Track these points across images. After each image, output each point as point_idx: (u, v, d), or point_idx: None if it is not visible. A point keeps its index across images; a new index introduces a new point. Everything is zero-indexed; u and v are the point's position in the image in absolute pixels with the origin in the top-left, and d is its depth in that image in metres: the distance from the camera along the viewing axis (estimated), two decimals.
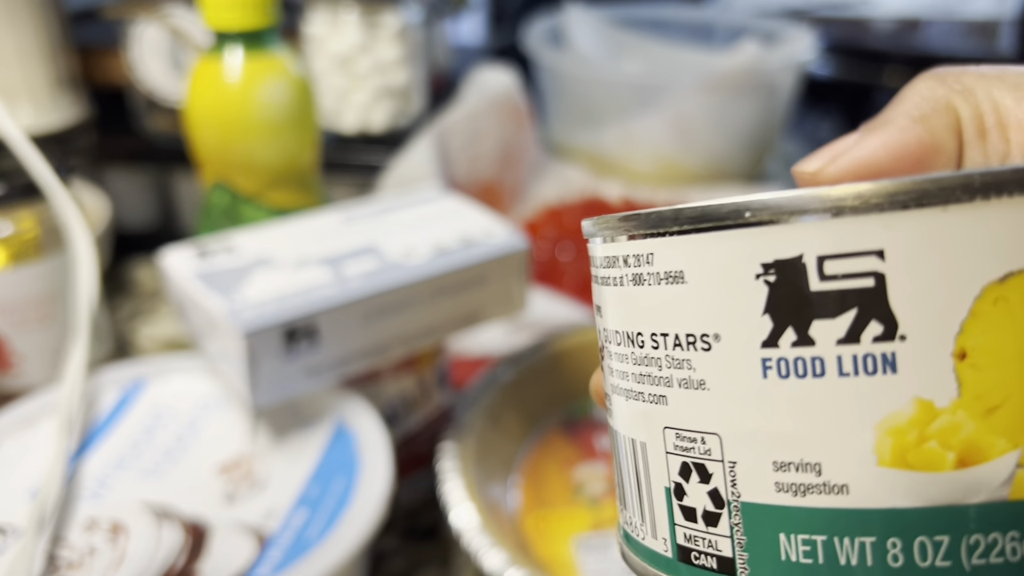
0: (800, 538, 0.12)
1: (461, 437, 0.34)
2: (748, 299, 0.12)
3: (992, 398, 0.11)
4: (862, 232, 0.11)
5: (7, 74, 0.51)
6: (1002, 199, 0.11)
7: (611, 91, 0.64)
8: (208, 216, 0.40)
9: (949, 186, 0.11)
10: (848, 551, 0.12)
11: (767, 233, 0.12)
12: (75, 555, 0.28)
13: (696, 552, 0.13)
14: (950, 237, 0.11)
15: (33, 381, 0.39)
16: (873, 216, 0.11)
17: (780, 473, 0.12)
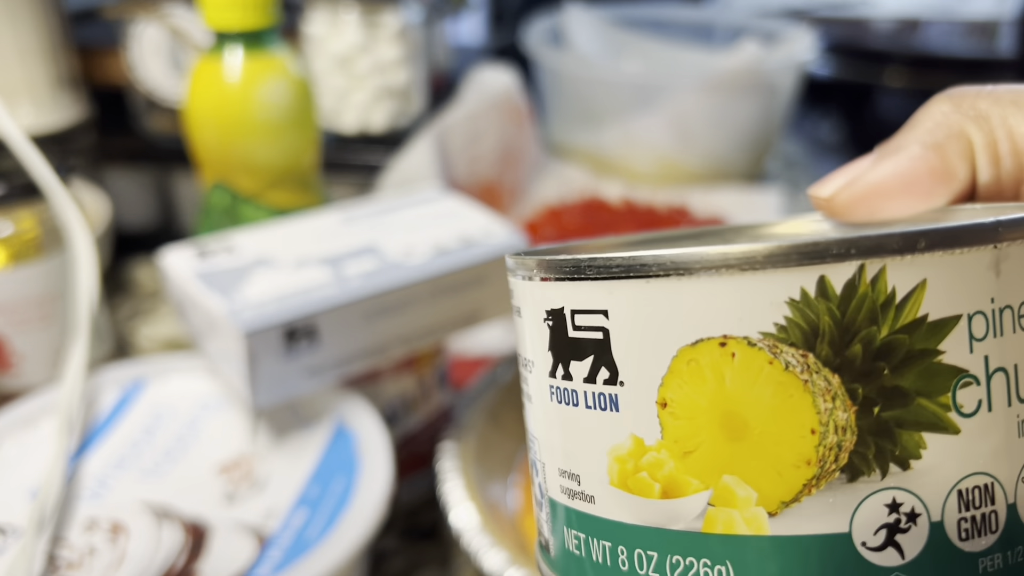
0: (572, 532, 0.15)
1: (461, 437, 0.34)
2: (541, 337, 0.15)
3: (687, 444, 0.13)
4: (595, 294, 0.14)
5: (7, 74, 0.51)
6: (693, 277, 0.12)
7: (611, 91, 0.64)
8: (208, 216, 0.40)
9: (650, 263, 0.13)
10: (596, 550, 0.14)
11: (548, 287, 0.15)
12: (75, 555, 0.28)
13: (540, 534, 0.16)
14: (654, 305, 0.13)
15: (33, 381, 0.39)
16: (602, 282, 0.13)
17: (561, 478, 0.15)
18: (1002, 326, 0.12)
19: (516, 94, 0.61)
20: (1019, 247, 0.12)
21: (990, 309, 0.12)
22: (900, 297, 0.12)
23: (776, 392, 0.12)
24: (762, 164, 0.68)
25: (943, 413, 0.12)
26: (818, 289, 0.12)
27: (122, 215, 0.57)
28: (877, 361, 0.12)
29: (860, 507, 0.12)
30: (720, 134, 0.63)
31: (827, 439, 0.12)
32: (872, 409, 0.12)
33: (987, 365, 0.12)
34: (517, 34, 0.69)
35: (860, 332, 0.12)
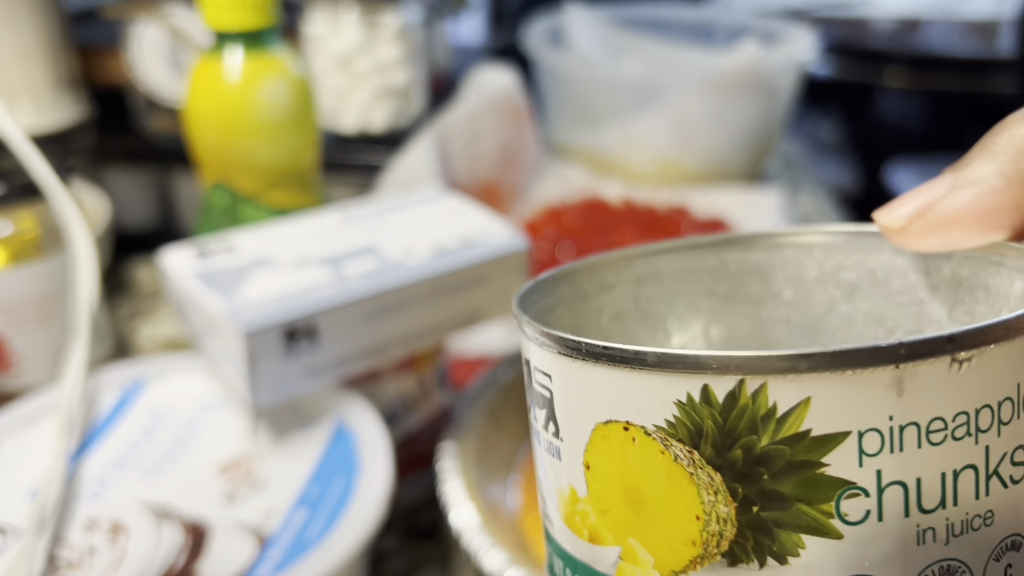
0: (548, 548, 0.17)
1: (461, 437, 0.34)
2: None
3: (603, 504, 0.14)
4: (543, 358, 0.15)
5: (7, 74, 0.51)
6: (600, 365, 0.14)
7: (611, 91, 0.64)
8: (208, 216, 0.40)
9: (572, 345, 0.14)
10: (557, 568, 0.16)
11: (522, 338, 0.16)
12: (75, 555, 0.28)
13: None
14: (577, 381, 0.15)
15: (33, 381, 0.39)
16: (546, 351, 0.15)
17: (540, 500, 0.17)
18: (903, 442, 0.12)
19: (516, 94, 0.61)
20: (929, 366, 0.12)
21: (887, 427, 0.12)
22: (781, 412, 0.12)
23: (667, 479, 0.13)
24: (762, 164, 0.68)
25: (824, 519, 0.13)
26: (702, 396, 0.13)
27: (122, 215, 0.57)
28: (757, 466, 0.13)
29: None
30: (720, 134, 0.63)
31: (710, 527, 0.13)
32: (751, 508, 0.13)
33: (879, 479, 0.13)
34: (517, 34, 0.69)
35: (740, 439, 0.13)
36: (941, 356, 0.12)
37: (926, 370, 0.12)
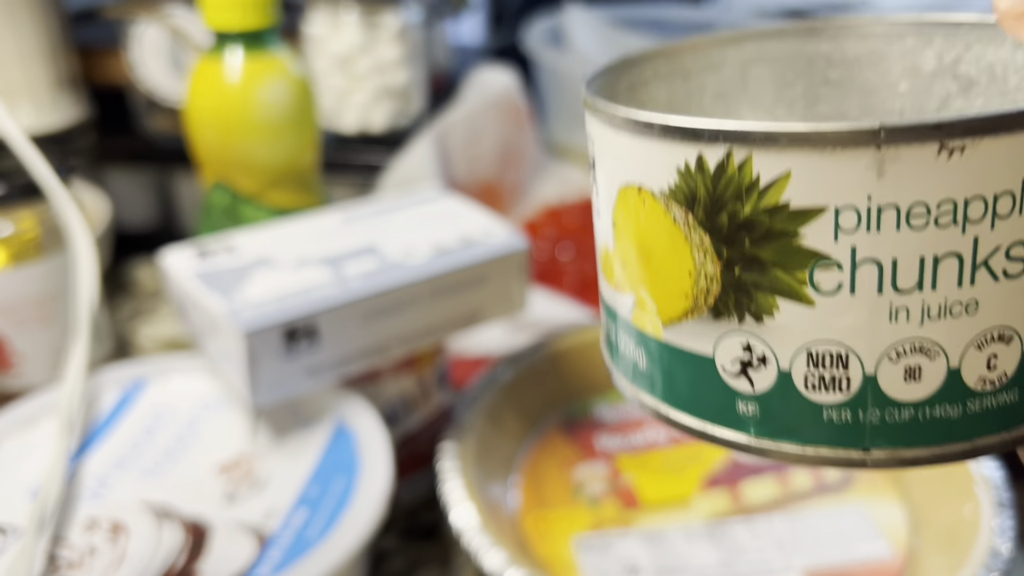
0: (600, 303, 0.19)
1: (461, 437, 0.34)
2: None
3: (623, 257, 0.16)
4: (591, 125, 0.16)
5: (7, 74, 0.51)
6: (625, 133, 0.15)
7: None
8: (208, 216, 0.40)
9: (608, 114, 0.15)
10: (602, 315, 0.19)
11: (585, 115, 0.18)
12: (75, 555, 0.28)
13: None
14: (608, 147, 0.16)
15: (33, 381, 0.39)
16: (593, 119, 0.16)
17: (598, 262, 0.19)
18: (880, 223, 0.13)
19: (516, 94, 0.61)
20: (914, 151, 0.12)
21: (865, 207, 0.13)
22: (764, 183, 0.13)
23: (668, 237, 0.15)
24: None
25: (797, 286, 0.14)
26: (696, 164, 0.14)
27: (123, 215, 0.57)
28: (740, 232, 0.14)
29: (720, 340, 0.15)
30: None
31: (699, 283, 0.14)
32: (734, 268, 0.14)
33: (853, 255, 0.13)
34: (517, 35, 0.69)
35: (727, 206, 0.13)
36: (927, 143, 0.12)
37: (910, 155, 0.12)
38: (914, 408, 0.14)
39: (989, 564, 0.28)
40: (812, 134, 0.12)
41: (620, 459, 0.36)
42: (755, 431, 0.15)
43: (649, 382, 0.16)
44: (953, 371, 0.14)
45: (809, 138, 0.12)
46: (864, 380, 0.14)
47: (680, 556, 0.31)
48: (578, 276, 0.51)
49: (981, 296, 0.13)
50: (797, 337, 0.14)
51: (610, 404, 0.40)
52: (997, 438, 0.14)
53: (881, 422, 0.14)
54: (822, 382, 0.14)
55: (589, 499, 0.35)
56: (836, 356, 0.14)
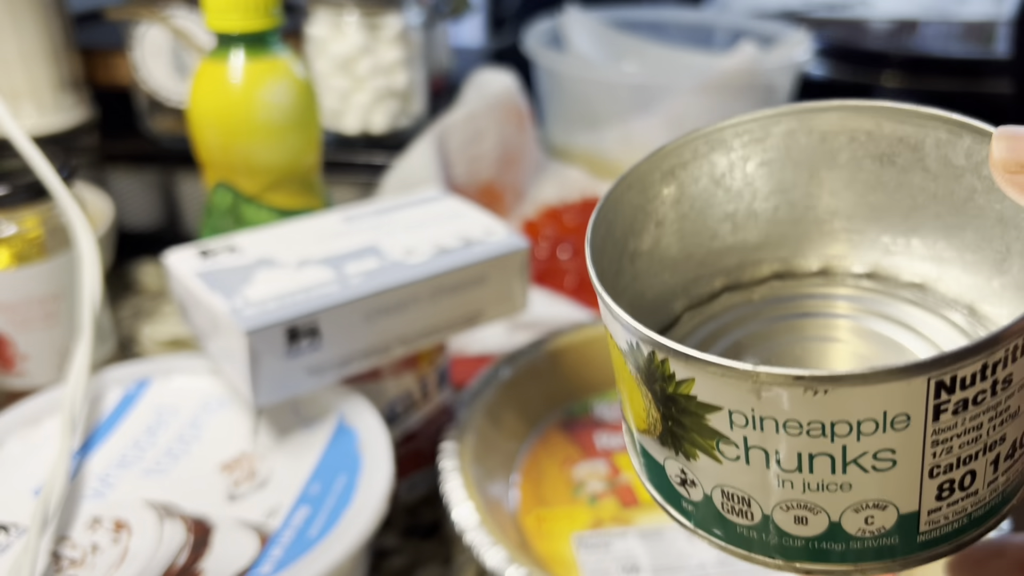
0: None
1: (461, 436, 0.34)
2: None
3: (614, 373, 0.19)
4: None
5: (11, 75, 0.51)
6: (601, 302, 0.18)
7: (610, 93, 0.64)
8: (211, 216, 0.41)
9: (599, 288, 0.18)
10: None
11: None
12: (78, 553, 0.28)
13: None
14: (600, 301, 0.18)
15: (37, 381, 0.39)
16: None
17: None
18: (763, 427, 0.16)
19: (516, 95, 0.62)
20: (779, 388, 0.15)
21: (751, 415, 0.16)
22: (678, 378, 0.16)
23: (629, 380, 0.18)
24: None
25: (710, 448, 0.17)
26: (636, 347, 0.17)
27: (126, 215, 0.57)
28: (667, 402, 0.17)
29: (666, 461, 0.18)
30: None
31: (648, 420, 0.18)
32: (667, 422, 0.17)
33: (745, 441, 0.16)
34: (517, 36, 0.69)
35: (656, 382, 0.17)
36: (794, 386, 0.15)
37: (780, 390, 0.15)
38: (805, 540, 0.17)
39: None
40: (705, 362, 0.15)
41: (620, 458, 0.37)
42: (694, 523, 0.18)
43: (635, 455, 0.20)
44: (834, 523, 0.16)
45: (704, 363, 0.15)
46: (764, 516, 0.17)
47: (679, 555, 0.32)
48: (578, 276, 0.52)
49: (853, 481, 0.16)
50: (713, 478, 0.17)
51: (610, 403, 0.40)
52: (881, 564, 0.17)
53: (779, 545, 0.17)
54: (733, 510, 0.17)
55: (589, 497, 0.35)
56: (741, 498, 0.17)
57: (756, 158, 0.22)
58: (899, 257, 0.22)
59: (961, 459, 0.16)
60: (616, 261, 0.20)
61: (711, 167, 0.22)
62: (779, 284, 0.23)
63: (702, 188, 0.22)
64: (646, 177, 0.21)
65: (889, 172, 0.21)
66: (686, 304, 0.22)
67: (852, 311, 0.22)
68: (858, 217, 0.22)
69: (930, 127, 0.20)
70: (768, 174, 0.22)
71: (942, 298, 0.21)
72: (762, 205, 0.22)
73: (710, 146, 0.22)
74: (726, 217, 0.22)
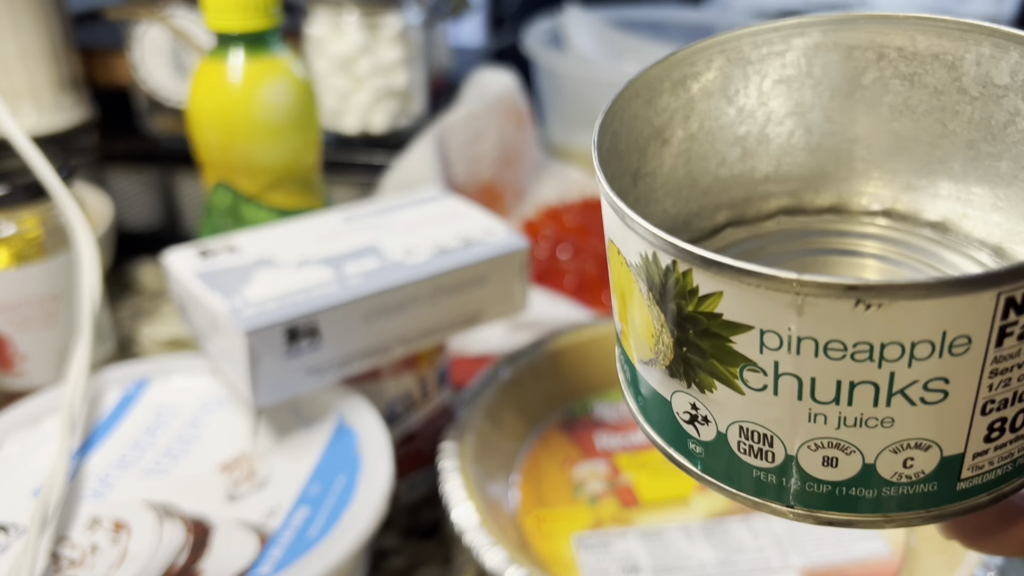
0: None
1: (461, 436, 0.34)
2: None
3: (612, 291, 0.18)
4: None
5: (10, 75, 0.51)
6: (608, 202, 0.16)
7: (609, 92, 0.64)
8: (210, 216, 0.41)
9: (602, 178, 0.16)
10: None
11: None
12: (77, 553, 0.28)
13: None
14: (604, 203, 0.16)
15: (36, 381, 0.39)
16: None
17: None
18: (800, 349, 0.14)
19: (516, 95, 0.62)
20: (825, 300, 0.13)
21: (787, 334, 0.14)
22: (702, 293, 0.14)
23: (637, 300, 0.16)
24: None
25: (730, 377, 0.15)
26: (653, 259, 0.15)
27: (125, 215, 0.57)
28: (685, 322, 0.15)
29: (674, 395, 0.16)
30: None
31: (658, 345, 0.16)
32: (681, 347, 0.15)
33: (776, 367, 0.14)
34: (517, 36, 0.69)
35: (674, 300, 0.15)
36: (844, 298, 0.13)
37: (826, 303, 0.13)
38: (831, 485, 0.15)
39: (986, 562, 0.28)
40: (740, 270, 0.13)
41: (620, 458, 0.37)
42: (701, 467, 0.17)
43: (632, 394, 0.18)
44: (868, 465, 0.15)
45: (738, 272, 0.13)
46: (787, 457, 0.15)
47: (679, 555, 0.32)
48: (578, 276, 0.52)
49: (897, 415, 0.14)
50: (731, 413, 0.15)
51: (610, 403, 0.40)
52: (913, 515, 0.15)
53: (801, 490, 0.15)
54: (751, 451, 0.15)
55: (589, 498, 0.35)
56: (762, 435, 0.15)
57: (774, 74, 0.20)
58: (922, 193, 0.20)
59: (1018, 394, 0.14)
60: (620, 179, 0.18)
61: (724, 80, 0.20)
62: (787, 219, 0.21)
63: (713, 105, 0.20)
64: (655, 85, 0.19)
65: (920, 94, 0.19)
66: (687, 239, 0.20)
67: (869, 249, 0.20)
68: (880, 146, 0.20)
69: (972, 41, 0.18)
70: (785, 93, 0.20)
71: (965, 238, 0.19)
72: (776, 129, 0.20)
73: (726, 56, 0.20)
74: (736, 141, 0.20)
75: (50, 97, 0.53)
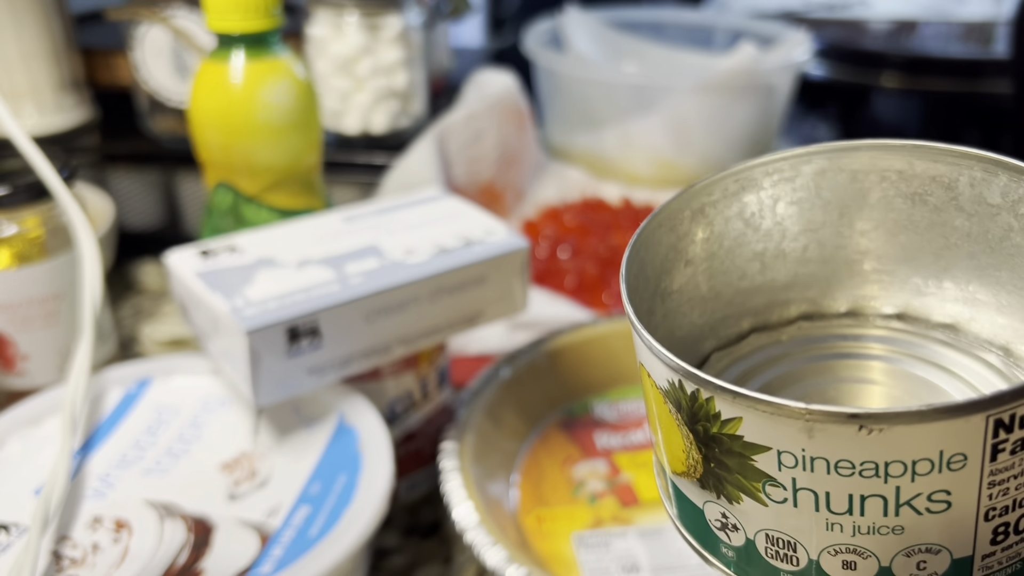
0: None
1: (462, 435, 0.34)
2: None
3: (646, 406, 0.19)
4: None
5: (11, 76, 0.51)
6: (637, 336, 0.17)
7: (609, 93, 0.64)
8: (211, 217, 0.41)
9: (632, 316, 0.18)
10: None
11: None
12: (79, 552, 0.28)
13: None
14: (636, 339, 0.18)
15: (37, 381, 0.39)
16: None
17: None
18: (813, 467, 0.15)
19: (517, 95, 0.62)
20: (832, 426, 0.15)
21: (801, 455, 0.15)
22: (724, 417, 0.16)
23: (667, 420, 0.17)
24: None
25: (754, 491, 0.16)
26: (679, 385, 0.16)
27: (127, 216, 0.57)
28: (711, 442, 0.16)
29: (706, 504, 0.18)
30: (717, 136, 0.63)
31: (688, 461, 0.17)
32: (710, 463, 0.17)
33: (794, 483, 0.16)
34: (517, 37, 0.69)
35: (700, 422, 0.16)
36: (848, 424, 0.14)
37: (833, 428, 0.15)
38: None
39: None
40: (756, 399, 0.15)
41: (619, 457, 0.37)
42: (735, 570, 0.18)
43: (670, 501, 0.19)
44: (884, 568, 0.16)
45: (752, 401, 0.15)
46: (810, 562, 0.16)
47: (678, 554, 0.32)
48: (578, 276, 0.52)
49: (907, 524, 0.15)
50: (758, 522, 0.17)
51: (610, 403, 0.40)
52: None
53: None
54: (778, 555, 0.17)
55: (589, 497, 0.35)
56: (787, 542, 0.17)
57: (786, 197, 0.22)
58: (931, 298, 0.22)
59: (1018, 501, 0.15)
60: (648, 300, 0.20)
61: (741, 206, 0.22)
62: (808, 325, 0.23)
63: (732, 227, 0.22)
64: (676, 215, 0.21)
65: (921, 211, 0.21)
66: (715, 344, 0.22)
67: (884, 352, 0.21)
68: (889, 257, 0.22)
69: (964, 165, 0.20)
70: (798, 213, 0.22)
71: (975, 339, 0.21)
72: (791, 245, 0.22)
73: (740, 185, 0.21)
74: (755, 256, 0.22)
75: (51, 97, 0.53)
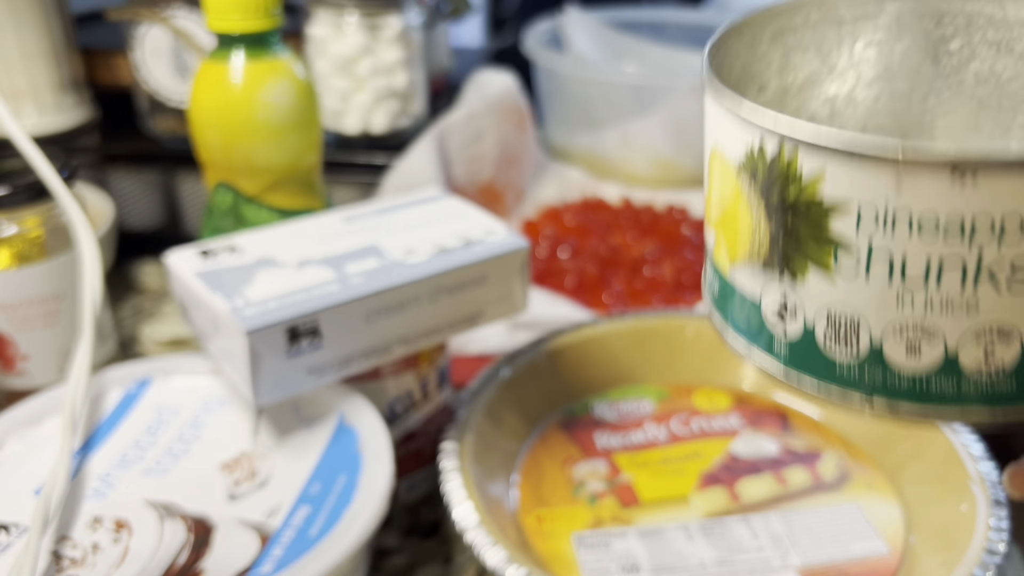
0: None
1: (461, 435, 0.34)
2: None
3: (710, 202, 0.20)
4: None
5: (11, 76, 0.51)
6: (721, 107, 0.17)
7: (609, 93, 0.64)
8: (211, 217, 0.41)
9: (710, 84, 0.18)
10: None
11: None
12: (79, 552, 0.28)
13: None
14: (709, 112, 0.18)
15: (37, 381, 0.39)
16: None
17: None
18: (895, 224, 0.15)
19: (517, 95, 0.62)
20: (929, 173, 0.14)
21: (883, 208, 0.15)
22: (805, 177, 0.15)
23: (737, 197, 0.17)
24: None
25: (824, 261, 0.16)
26: (759, 149, 0.16)
27: (127, 215, 0.57)
28: (785, 210, 0.16)
29: (765, 288, 0.17)
30: None
31: (755, 238, 0.17)
32: (779, 235, 0.17)
33: (870, 248, 0.15)
34: (517, 37, 0.69)
35: (777, 188, 0.16)
36: (941, 170, 0.14)
37: (925, 175, 0.14)
38: (912, 377, 0.16)
39: (985, 562, 0.28)
40: (844, 142, 0.15)
41: (619, 457, 0.37)
42: (785, 362, 0.18)
43: (720, 307, 0.19)
44: (950, 354, 0.15)
45: (842, 141, 0.15)
46: (871, 346, 0.16)
47: (678, 554, 0.32)
48: (578, 276, 0.52)
49: (983, 300, 0.15)
50: (821, 299, 0.16)
51: (610, 403, 0.40)
52: (987, 411, 0.16)
53: (883, 383, 0.16)
54: (837, 339, 0.16)
55: (589, 497, 0.35)
56: (850, 322, 0.16)
57: (865, 37, 0.21)
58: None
59: None
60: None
61: (819, 39, 0.21)
62: None
63: (807, 60, 0.21)
64: (756, 30, 0.20)
65: (1005, 60, 0.20)
66: None
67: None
68: (962, 112, 0.21)
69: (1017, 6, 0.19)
70: (876, 57, 0.21)
71: None
72: (863, 92, 0.21)
73: (822, 14, 0.21)
74: (826, 100, 0.21)
75: (51, 98, 0.53)
